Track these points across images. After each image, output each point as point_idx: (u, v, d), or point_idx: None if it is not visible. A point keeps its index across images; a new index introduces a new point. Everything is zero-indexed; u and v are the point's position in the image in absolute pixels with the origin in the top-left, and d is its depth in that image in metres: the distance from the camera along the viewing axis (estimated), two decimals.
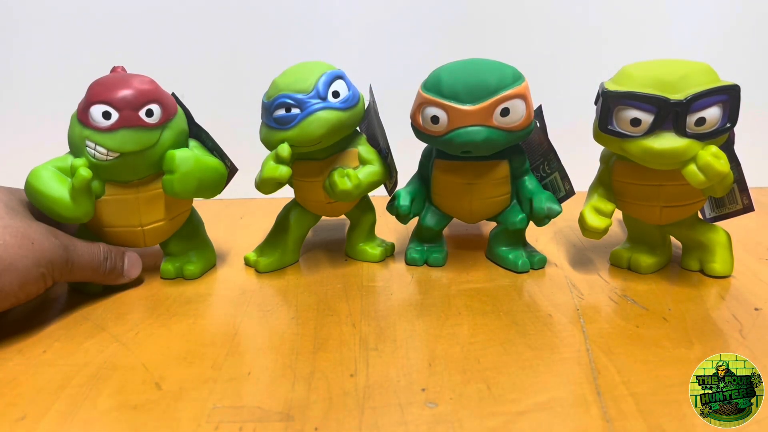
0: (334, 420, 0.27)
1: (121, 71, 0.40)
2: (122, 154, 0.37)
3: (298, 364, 0.32)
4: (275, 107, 0.40)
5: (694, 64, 0.37)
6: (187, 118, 0.42)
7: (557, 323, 0.36)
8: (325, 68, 0.41)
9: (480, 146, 0.39)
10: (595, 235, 0.41)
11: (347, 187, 0.41)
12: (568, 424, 0.26)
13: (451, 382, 0.30)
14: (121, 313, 0.38)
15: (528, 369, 0.31)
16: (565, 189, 0.44)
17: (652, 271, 0.43)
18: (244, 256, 0.47)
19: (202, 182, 0.40)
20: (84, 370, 0.31)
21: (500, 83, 0.39)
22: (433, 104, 0.39)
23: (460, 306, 0.38)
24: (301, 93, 0.39)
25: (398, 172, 0.46)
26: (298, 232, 0.47)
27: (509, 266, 0.45)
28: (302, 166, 0.43)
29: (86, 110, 0.37)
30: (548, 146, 0.44)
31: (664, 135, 0.36)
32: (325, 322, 0.37)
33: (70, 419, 0.27)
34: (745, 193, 0.41)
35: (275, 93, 0.40)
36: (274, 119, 0.40)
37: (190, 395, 0.29)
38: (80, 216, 0.38)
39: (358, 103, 0.42)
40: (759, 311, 0.37)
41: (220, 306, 0.40)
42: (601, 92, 0.39)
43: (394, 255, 0.49)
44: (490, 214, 0.46)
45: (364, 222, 0.48)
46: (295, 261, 0.47)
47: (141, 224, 0.41)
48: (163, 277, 0.44)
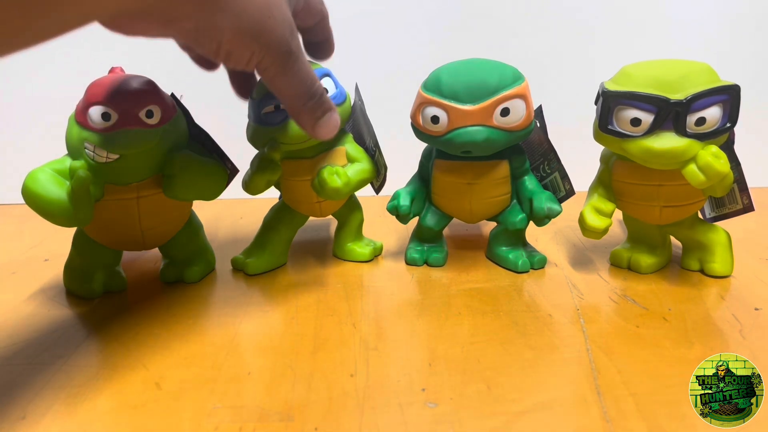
0: (334, 420, 0.27)
1: (119, 72, 0.40)
2: (121, 156, 0.37)
3: (298, 364, 0.32)
4: (263, 105, 0.40)
5: (694, 64, 0.37)
6: (187, 120, 0.42)
7: (557, 323, 0.36)
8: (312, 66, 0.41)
9: (480, 146, 0.39)
10: (595, 235, 0.41)
11: (337, 184, 0.41)
12: (568, 424, 0.26)
13: (451, 382, 0.29)
14: (121, 314, 0.38)
15: (528, 369, 0.31)
16: (565, 189, 0.44)
17: (652, 271, 0.43)
18: (232, 258, 0.47)
19: (202, 184, 0.40)
20: (84, 370, 0.31)
21: (500, 83, 0.39)
22: (433, 104, 0.40)
23: (460, 306, 0.38)
24: None
25: (387, 168, 0.46)
26: (286, 233, 0.47)
27: (509, 266, 0.45)
28: (290, 165, 0.43)
29: (85, 111, 0.37)
30: (548, 146, 0.44)
31: (664, 135, 0.36)
32: (325, 322, 0.37)
33: (70, 419, 0.27)
34: (745, 193, 0.41)
35: (263, 91, 0.40)
36: (262, 117, 0.40)
37: (190, 395, 0.29)
38: (79, 219, 0.37)
39: (345, 101, 0.42)
40: (759, 311, 0.37)
41: (220, 306, 0.40)
42: (601, 92, 0.39)
43: (394, 255, 0.49)
44: (490, 214, 0.46)
45: (352, 221, 0.48)
46: (283, 263, 0.47)
47: (140, 227, 0.41)
48: (162, 280, 0.44)
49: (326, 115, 0.35)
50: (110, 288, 0.42)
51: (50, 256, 0.51)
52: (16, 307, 0.40)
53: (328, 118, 0.35)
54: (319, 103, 0.34)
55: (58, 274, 0.45)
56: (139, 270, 0.46)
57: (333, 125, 0.35)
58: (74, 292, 0.42)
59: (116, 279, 0.42)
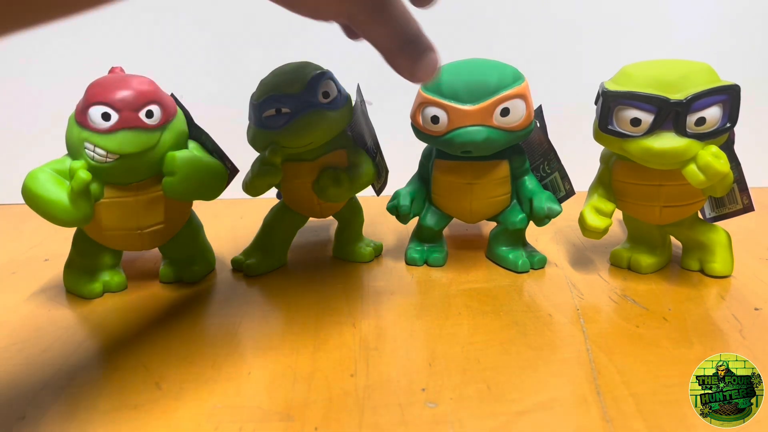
0: (334, 420, 0.27)
1: (119, 72, 0.40)
2: (122, 156, 0.37)
3: (298, 364, 0.32)
4: (265, 108, 0.40)
5: (694, 64, 0.37)
6: (187, 120, 0.42)
7: (557, 323, 0.36)
8: (314, 69, 0.40)
9: (480, 146, 0.39)
10: (595, 235, 0.41)
11: (337, 187, 0.41)
12: (568, 424, 0.26)
13: (451, 382, 0.29)
14: (121, 314, 0.38)
15: (528, 369, 0.31)
16: (565, 189, 0.44)
17: (652, 271, 0.43)
18: (232, 259, 0.47)
19: (202, 184, 0.40)
20: (84, 370, 0.31)
21: (500, 83, 0.39)
22: (433, 104, 0.40)
23: (460, 306, 0.38)
24: (292, 94, 0.39)
25: (388, 171, 0.46)
26: (286, 233, 0.47)
27: (509, 266, 0.45)
28: (291, 168, 0.43)
29: (85, 111, 0.37)
30: (548, 146, 0.44)
31: (664, 135, 0.36)
32: (325, 322, 0.37)
33: (70, 419, 0.27)
34: (745, 193, 0.41)
35: (264, 94, 0.40)
36: (263, 120, 0.40)
37: (190, 395, 0.29)
38: (79, 219, 0.37)
39: (347, 104, 0.42)
40: (759, 311, 0.37)
41: (220, 306, 0.40)
42: (601, 92, 0.39)
43: (394, 255, 0.49)
44: (490, 214, 0.46)
45: (353, 223, 0.48)
46: (283, 263, 0.47)
47: (140, 227, 0.41)
48: (162, 281, 0.44)
49: (425, 56, 0.31)
50: (110, 288, 0.42)
51: (50, 256, 0.51)
52: (16, 307, 0.40)
53: (427, 60, 0.31)
54: (417, 44, 0.30)
55: (58, 274, 0.45)
56: (139, 270, 0.46)
57: (432, 66, 0.31)
58: (74, 292, 0.42)
59: (116, 279, 0.42)
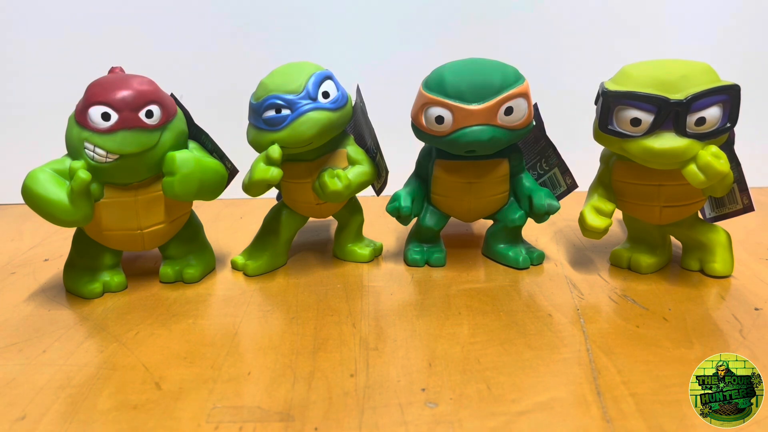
0: (334, 420, 0.27)
1: (119, 72, 0.40)
2: (122, 156, 0.37)
3: (298, 364, 0.32)
4: (265, 108, 0.40)
5: (694, 64, 0.37)
6: (187, 120, 0.42)
7: (557, 323, 0.36)
8: (314, 69, 0.40)
9: (486, 145, 0.39)
10: (595, 235, 0.41)
11: (337, 187, 0.41)
12: (568, 424, 0.26)
13: (451, 382, 0.29)
14: (121, 314, 0.38)
15: (528, 369, 0.31)
16: (566, 183, 0.44)
17: (652, 271, 0.43)
18: (231, 260, 0.47)
19: (202, 184, 0.40)
20: (84, 370, 0.31)
21: (504, 82, 0.39)
22: (437, 104, 0.39)
23: (460, 306, 0.38)
24: (292, 94, 0.39)
25: (388, 172, 0.46)
26: (286, 234, 0.47)
27: (510, 263, 0.45)
28: (291, 168, 0.43)
29: (85, 111, 0.37)
30: (546, 143, 0.44)
31: (664, 135, 0.36)
32: (325, 322, 0.37)
33: (70, 419, 0.27)
34: (745, 193, 0.41)
35: (264, 94, 0.40)
36: (263, 120, 0.40)
37: (190, 395, 0.29)
38: (79, 219, 0.37)
39: (347, 104, 0.42)
40: (759, 311, 0.37)
41: (220, 306, 0.40)
42: (601, 92, 0.39)
43: (394, 255, 0.49)
44: (488, 212, 0.46)
45: (353, 223, 0.48)
46: (283, 263, 0.47)
47: (140, 227, 0.41)
48: (162, 281, 0.44)
49: None
50: (110, 288, 0.42)
51: (50, 256, 0.51)
52: (16, 307, 0.40)
53: None
54: None
55: (58, 274, 0.45)
56: (139, 270, 0.46)
57: None
58: (74, 292, 0.42)
59: (116, 279, 0.42)
